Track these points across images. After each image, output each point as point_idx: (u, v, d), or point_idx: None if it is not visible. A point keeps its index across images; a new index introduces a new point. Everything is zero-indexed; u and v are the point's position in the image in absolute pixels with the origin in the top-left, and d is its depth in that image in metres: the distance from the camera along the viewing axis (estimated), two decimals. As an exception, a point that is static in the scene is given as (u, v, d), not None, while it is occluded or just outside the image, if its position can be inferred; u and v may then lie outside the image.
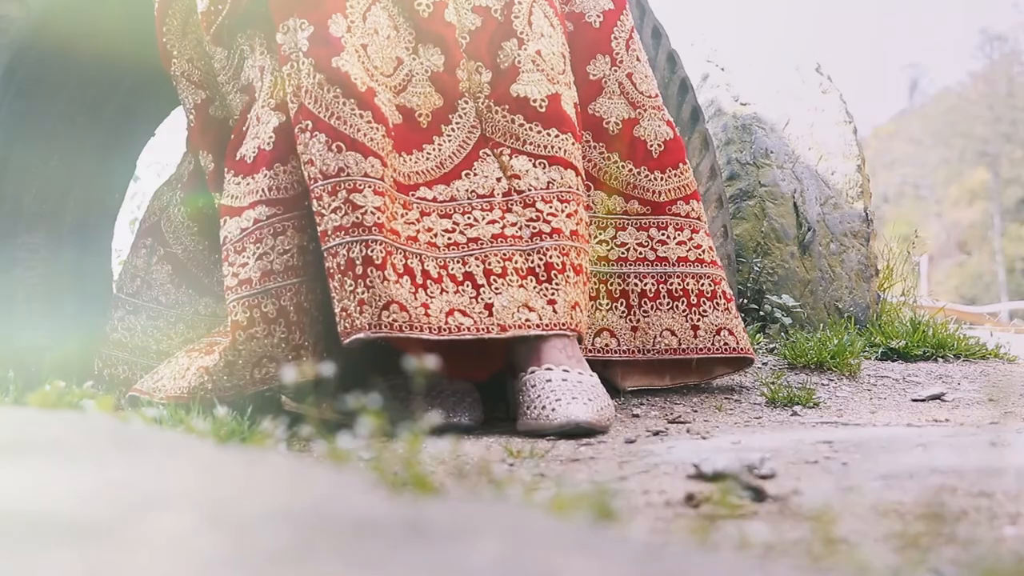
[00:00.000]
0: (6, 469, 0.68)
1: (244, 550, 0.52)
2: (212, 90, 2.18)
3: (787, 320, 3.26)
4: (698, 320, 2.31)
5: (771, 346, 3.03)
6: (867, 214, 3.61)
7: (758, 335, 3.03)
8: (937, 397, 2.54)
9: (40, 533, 0.54)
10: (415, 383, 2.00)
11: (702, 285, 2.32)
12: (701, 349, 2.32)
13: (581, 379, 1.92)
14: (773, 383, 2.48)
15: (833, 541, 0.89)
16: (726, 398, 2.41)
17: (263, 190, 1.93)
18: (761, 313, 3.30)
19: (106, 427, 0.85)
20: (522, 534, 0.59)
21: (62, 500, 0.60)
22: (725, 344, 2.33)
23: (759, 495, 1.16)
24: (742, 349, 2.35)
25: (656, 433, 1.90)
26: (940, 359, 3.09)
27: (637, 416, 2.16)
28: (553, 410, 1.84)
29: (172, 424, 1.66)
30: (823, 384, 2.62)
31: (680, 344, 2.31)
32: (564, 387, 1.88)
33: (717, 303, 2.33)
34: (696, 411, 2.26)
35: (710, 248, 2.34)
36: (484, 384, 2.18)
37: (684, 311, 2.31)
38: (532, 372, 1.94)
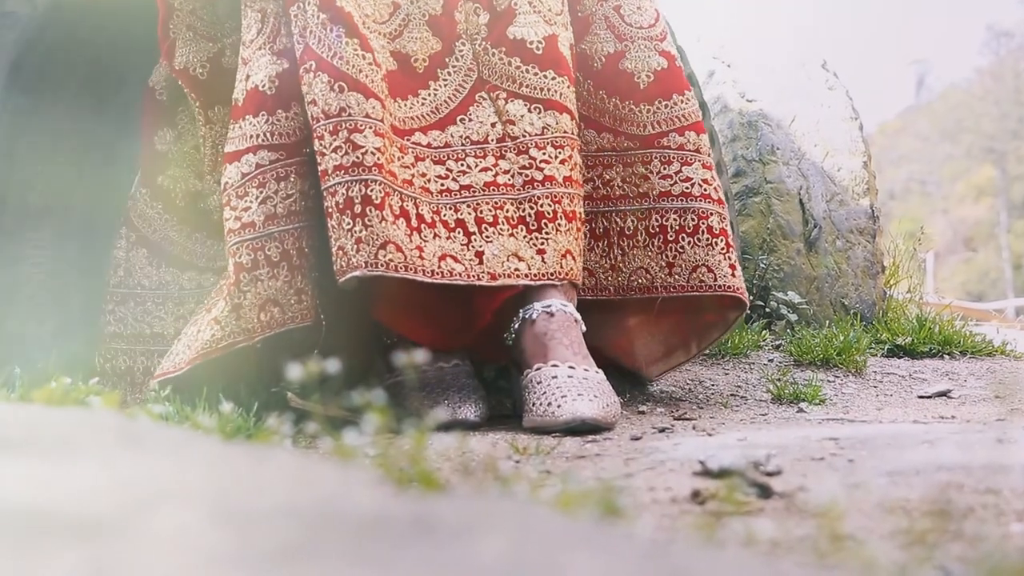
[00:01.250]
0: (12, 466, 0.68)
1: (250, 546, 0.52)
2: (222, 40, 2.18)
3: (793, 317, 3.26)
4: (674, 257, 2.19)
5: (777, 343, 3.03)
6: (873, 211, 3.60)
7: (764, 332, 3.03)
8: (943, 394, 2.53)
9: (46, 530, 0.54)
10: (414, 379, 2.01)
11: (684, 220, 2.19)
12: (674, 287, 2.20)
13: (587, 376, 1.92)
14: (779, 380, 2.48)
15: (839, 538, 0.89)
16: (732, 395, 2.41)
17: (264, 135, 1.94)
18: (767, 310, 3.29)
19: (112, 424, 0.85)
20: (528, 531, 0.59)
21: (68, 497, 0.60)
22: (701, 282, 2.18)
23: (765, 492, 1.16)
24: (720, 287, 2.19)
25: (662, 430, 1.90)
26: (946, 356, 3.08)
27: (643, 413, 2.16)
28: (559, 407, 1.83)
29: (178, 421, 1.67)
30: (829, 381, 2.62)
31: (653, 282, 2.21)
32: (570, 384, 1.88)
33: (698, 239, 2.18)
34: (702, 408, 2.25)
35: (704, 181, 2.20)
36: (490, 380, 2.18)
37: (660, 247, 2.20)
38: (538, 369, 1.93)
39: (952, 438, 1.51)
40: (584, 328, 2.04)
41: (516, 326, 2.00)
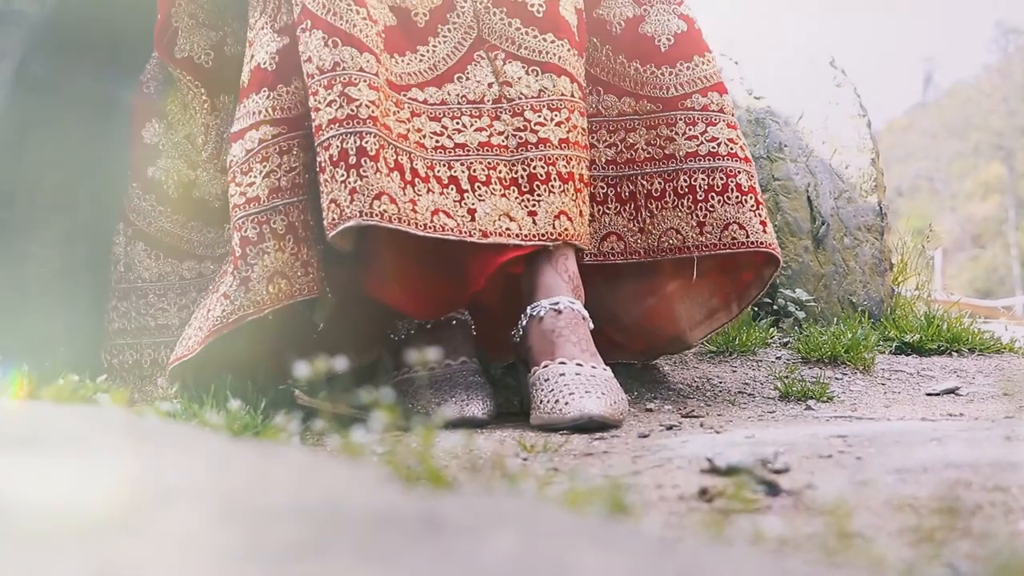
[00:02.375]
0: (21, 463, 0.68)
1: (258, 544, 0.52)
2: (223, 28, 2.19)
3: (801, 314, 3.25)
4: (704, 216, 2.19)
5: (784, 340, 3.02)
6: (881, 208, 3.59)
7: (771, 329, 3.02)
8: (951, 391, 2.53)
9: (54, 527, 0.54)
10: (422, 376, 2.01)
11: (712, 180, 2.19)
12: (707, 246, 2.20)
13: (595, 373, 1.92)
14: (787, 377, 2.47)
15: (847, 535, 0.89)
16: (739, 392, 2.41)
17: (266, 110, 1.95)
18: (775, 307, 3.29)
19: (120, 421, 0.85)
20: (536, 528, 0.59)
21: (76, 494, 0.61)
22: (733, 239, 2.19)
23: (773, 489, 1.16)
24: (753, 243, 2.19)
25: (669, 427, 1.90)
26: (954, 353, 3.07)
27: (650, 410, 2.16)
28: (566, 404, 1.83)
29: (186, 418, 1.67)
30: (837, 378, 2.61)
31: (684, 242, 2.20)
32: (577, 381, 1.88)
33: (728, 197, 2.18)
34: (709, 405, 2.25)
35: (729, 140, 2.21)
36: (497, 378, 2.18)
37: (689, 207, 2.20)
38: (545, 366, 1.93)
39: (960, 435, 1.51)
40: (592, 326, 2.03)
41: (523, 323, 2.00)
